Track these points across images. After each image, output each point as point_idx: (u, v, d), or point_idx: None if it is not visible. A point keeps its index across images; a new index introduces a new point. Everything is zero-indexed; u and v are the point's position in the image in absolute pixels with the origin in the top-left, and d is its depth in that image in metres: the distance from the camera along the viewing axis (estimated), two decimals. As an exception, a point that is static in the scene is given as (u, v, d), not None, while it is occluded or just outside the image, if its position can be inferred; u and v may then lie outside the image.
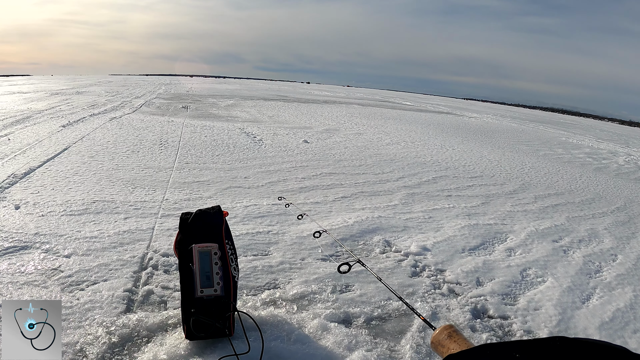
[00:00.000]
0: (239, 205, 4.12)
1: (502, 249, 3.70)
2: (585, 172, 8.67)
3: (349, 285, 2.79)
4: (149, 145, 6.79)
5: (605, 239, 4.39)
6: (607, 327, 2.69)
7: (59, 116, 10.01)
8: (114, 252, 2.95)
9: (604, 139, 19.62)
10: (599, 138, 20.04)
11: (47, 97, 15.82)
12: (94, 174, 4.83)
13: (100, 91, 21.42)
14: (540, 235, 4.18)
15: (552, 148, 12.45)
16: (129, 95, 19.84)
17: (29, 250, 2.87)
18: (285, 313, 2.40)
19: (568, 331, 2.59)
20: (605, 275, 3.45)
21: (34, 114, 10.27)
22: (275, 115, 13.73)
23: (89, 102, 14.32)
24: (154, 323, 2.21)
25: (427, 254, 3.38)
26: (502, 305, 2.78)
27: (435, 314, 2.57)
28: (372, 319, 2.46)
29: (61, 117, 9.91)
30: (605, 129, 30.58)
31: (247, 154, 6.70)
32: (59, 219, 3.43)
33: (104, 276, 2.64)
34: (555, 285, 3.13)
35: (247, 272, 2.80)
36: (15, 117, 9.44)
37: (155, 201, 4.06)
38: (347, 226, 3.79)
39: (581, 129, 26.86)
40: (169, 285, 2.60)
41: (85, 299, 2.37)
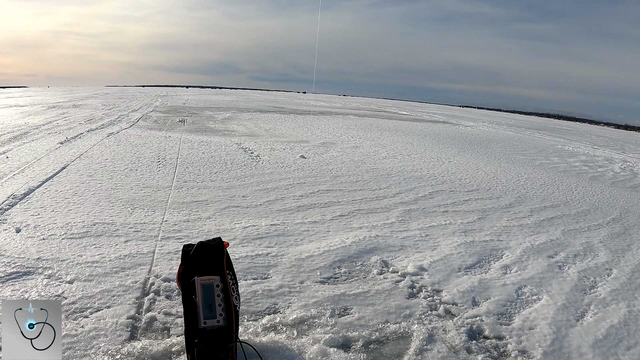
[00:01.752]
0: (237, 227, 4.16)
1: (498, 267, 3.74)
2: (581, 181, 8.70)
3: (347, 308, 2.83)
4: (147, 162, 6.82)
5: (600, 252, 4.43)
6: (601, 345, 2.72)
7: (56, 132, 10.02)
8: (115, 277, 2.98)
9: (599, 145, 19.63)
10: (595, 144, 20.03)
11: (44, 111, 15.80)
12: (93, 194, 4.86)
13: (97, 104, 21.39)
14: (536, 251, 4.21)
15: (548, 157, 12.48)
16: (125, 108, 19.81)
17: (31, 276, 2.90)
18: (286, 339, 2.44)
19: (562, 350, 2.63)
20: (599, 291, 3.48)
21: (31, 129, 10.28)
22: (272, 129, 13.73)
23: (86, 117, 14.30)
24: (158, 351, 2.25)
25: (423, 274, 3.42)
26: (498, 325, 2.81)
27: (432, 336, 2.61)
28: (370, 343, 2.51)
29: (59, 132, 9.92)
30: (602, 134, 30.59)
31: (244, 171, 6.73)
32: (60, 243, 3.46)
33: (107, 303, 2.67)
34: (550, 303, 3.16)
35: (247, 297, 2.84)
36: (12, 133, 9.44)
37: (155, 223, 4.09)
38: (344, 247, 3.83)
39: (577, 134, 26.85)
40: (171, 311, 2.63)
41: (90, 327, 2.40)
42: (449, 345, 2.55)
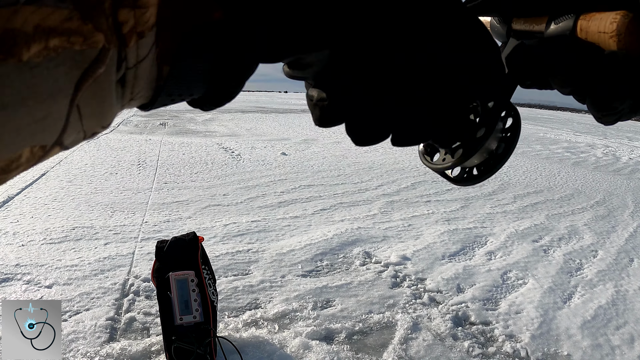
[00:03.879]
0: (218, 224, 4.11)
1: (482, 253, 3.72)
2: (563, 167, 8.73)
3: (329, 300, 2.80)
4: (127, 166, 6.76)
5: (585, 235, 4.42)
6: (590, 326, 2.71)
7: (36, 140, 9.93)
8: (95, 279, 2.93)
9: (581, 132, 19.74)
10: (577, 131, 20.16)
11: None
12: (73, 199, 4.80)
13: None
14: (520, 236, 4.20)
15: (530, 145, 12.51)
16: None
17: (10, 282, 2.85)
18: (267, 333, 2.40)
19: (550, 333, 2.61)
20: (586, 273, 3.47)
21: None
22: (253, 128, 13.71)
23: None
24: (137, 351, 2.20)
25: (407, 264, 3.40)
26: (484, 311, 2.79)
27: (417, 325, 2.58)
28: (354, 334, 2.47)
29: (38, 141, 9.84)
30: (583, 122, 30.78)
31: (225, 170, 6.68)
32: (39, 248, 3.41)
33: (86, 305, 2.62)
34: (536, 286, 3.15)
35: (228, 294, 2.80)
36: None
37: (135, 224, 4.04)
38: (326, 240, 3.79)
39: (559, 122, 27.04)
40: (151, 311, 2.59)
41: (69, 330, 2.35)
42: (434, 333, 2.52)
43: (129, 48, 0.27)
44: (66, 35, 0.24)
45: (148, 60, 0.29)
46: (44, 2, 0.23)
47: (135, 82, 0.30)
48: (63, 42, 0.24)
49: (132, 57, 0.28)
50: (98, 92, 0.27)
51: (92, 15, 0.25)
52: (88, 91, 0.26)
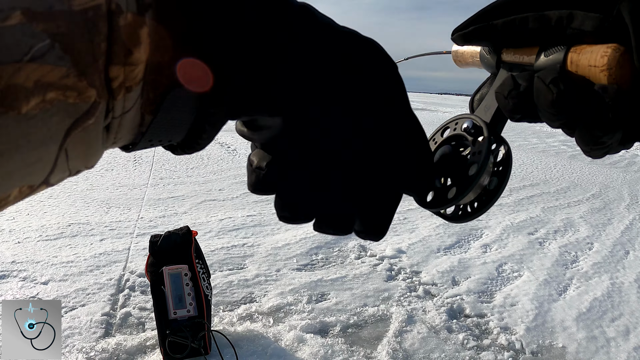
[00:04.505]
0: (213, 219, 4.11)
1: (478, 246, 3.72)
2: (560, 160, 8.73)
3: (324, 294, 2.80)
4: (122, 162, 6.74)
5: (581, 227, 4.43)
6: (585, 318, 2.72)
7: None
8: (90, 275, 2.93)
9: (578, 126, 19.77)
10: (574, 125, 20.18)
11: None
12: (69, 196, 4.79)
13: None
14: (516, 229, 4.21)
15: (527, 138, 12.52)
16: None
17: (6, 279, 2.85)
18: (262, 327, 2.41)
19: (545, 325, 2.62)
20: (581, 265, 3.48)
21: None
22: (251, 123, 13.72)
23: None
24: (132, 346, 2.21)
25: (402, 257, 3.40)
26: (479, 304, 2.80)
27: (411, 318, 2.59)
28: (349, 327, 2.48)
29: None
30: (580, 115, 30.81)
31: (221, 165, 6.68)
32: (35, 245, 3.40)
33: (82, 301, 2.63)
34: (532, 278, 3.16)
35: (222, 288, 2.80)
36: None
37: (131, 220, 4.04)
38: (321, 234, 3.77)
39: (556, 116, 27.05)
40: (146, 306, 2.59)
41: (65, 326, 2.36)
42: (429, 326, 2.53)
43: (117, 101, 0.30)
44: (62, 90, 0.26)
45: (133, 110, 0.32)
46: (45, 60, 0.25)
47: (119, 129, 0.32)
48: (59, 95, 0.26)
49: (119, 109, 0.30)
50: (85, 139, 0.29)
51: (87, 73, 0.27)
52: (77, 137, 0.29)
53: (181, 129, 0.36)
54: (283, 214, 0.43)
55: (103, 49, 0.28)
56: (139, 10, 0.30)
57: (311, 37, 0.39)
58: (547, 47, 0.45)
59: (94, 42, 0.27)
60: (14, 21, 0.24)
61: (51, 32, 0.25)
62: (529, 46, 0.47)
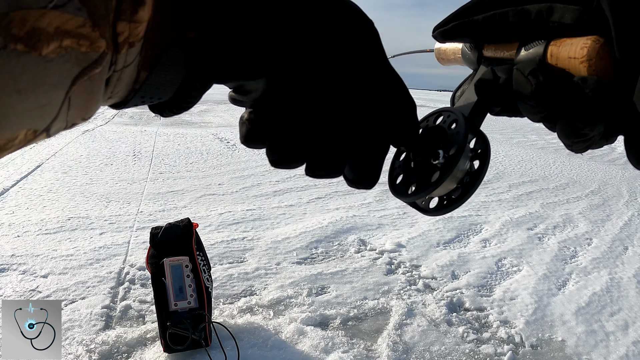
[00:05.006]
0: (213, 213, 4.12)
1: (477, 241, 3.73)
2: (559, 157, 8.73)
3: (324, 287, 2.81)
4: (122, 157, 6.75)
5: (580, 223, 4.43)
6: (584, 312, 2.72)
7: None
8: (90, 269, 2.94)
9: (577, 123, 19.77)
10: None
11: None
12: (68, 190, 4.79)
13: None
14: (515, 224, 4.21)
15: (526, 135, 12.54)
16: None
17: (6, 273, 2.85)
18: (262, 319, 2.41)
19: (544, 319, 2.62)
20: (580, 260, 3.48)
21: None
22: (250, 118, 13.70)
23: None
24: (132, 338, 2.21)
25: (402, 251, 3.40)
26: (478, 297, 2.80)
27: (411, 311, 2.59)
28: (349, 320, 2.48)
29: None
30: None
31: (220, 160, 6.68)
32: (35, 239, 3.41)
33: (82, 294, 2.63)
34: (531, 273, 3.16)
35: (223, 281, 2.81)
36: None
37: (130, 214, 4.04)
38: (321, 228, 3.80)
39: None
40: (146, 299, 2.60)
41: (65, 319, 2.36)
42: (429, 319, 2.53)
43: (120, 54, 0.33)
44: (77, 38, 0.29)
45: (132, 65, 0.35)
46: (66, 9, 0.27)
47: (117, 83, 0.35)
48: (73, 43, 0.29)
49: (121, 62, 0.33)
50: (89, 88, 0.32)
51: (100, 25, 0.30)
52: (82, 86, 0.31)
53: (172, 86, 0.39)
54: (274, 157, 0.45)
55: (114, 5, 0.30)
56: None
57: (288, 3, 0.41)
58: (528, 41, 0.45)
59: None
60: None
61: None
62: (510, 41, 0.48)
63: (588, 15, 0.39)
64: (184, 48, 0.37)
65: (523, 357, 2.32)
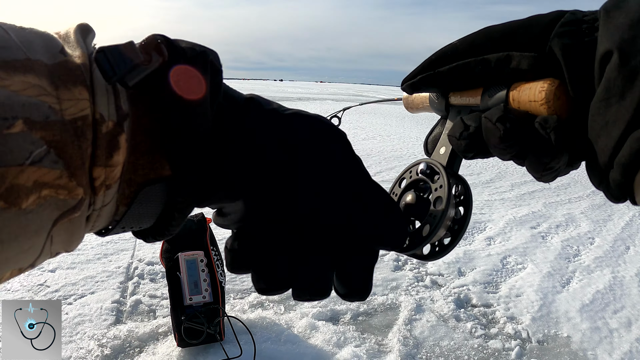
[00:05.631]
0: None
1: (482, 239, 3.75)
2: (559, 156, 8.73)
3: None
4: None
5: (582, 222, 4.45)
6: (588, 310, 2.74)
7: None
8: (98, 263, 2.95)
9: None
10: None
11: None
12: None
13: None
14: (519, 223, 4.23)
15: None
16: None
17: (13, 267, 2.87)
18: (273, 314, 2.43)
19: (550, 315, 2.65)
20: (583, 259, 3.51)
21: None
22: (250, 116, 13.69)
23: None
24: (144, 332, 2.23)
25: (408, 248, 3.41)
26: (485, 294, 2.83)
27: (420, 306, 2.62)
28: (359, 315, 2.50)
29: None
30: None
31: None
32: (42, 234, 3.42)
33: (91, 289, 2.64)
34: (535, 271, 3.18)
35: (232, 276, 2.81)
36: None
37: (137, 209, 4.06)
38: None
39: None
40: (156, 293, 2.61)
41: (75, 313, 2.38)
42: (437, 315, 2.56)
43: (97, 196, 0.35)
44: (55, 188, 0.31)
45: (110, 203, 0.37)
46: (42, 164, 0.30)
47: (97, 218, 0.37)
48: (52, 192, 0.31)
49: (99, 203, 0.35)
50: (70, 228, 0.34)
51: (76, 175, 0.32)
52: (62, 226, 0.33)
53: (151, 218, 0.41)
54: (259, 286, 0.46)
55: (89, 153, 0.33)
56: (118, 119, 0.34)
57: (255, 124, 0.44)
58: (490, 87, 0.49)
59: (82, 148, 0.32)
60: (17, 129, 0.28)
61: (47, 139, 0.30)
62: (474, 88, 0.51)
63: (542, 60, 0.42)
64: (160, 185, 0.39)
65: (530, 352, 2.34)
